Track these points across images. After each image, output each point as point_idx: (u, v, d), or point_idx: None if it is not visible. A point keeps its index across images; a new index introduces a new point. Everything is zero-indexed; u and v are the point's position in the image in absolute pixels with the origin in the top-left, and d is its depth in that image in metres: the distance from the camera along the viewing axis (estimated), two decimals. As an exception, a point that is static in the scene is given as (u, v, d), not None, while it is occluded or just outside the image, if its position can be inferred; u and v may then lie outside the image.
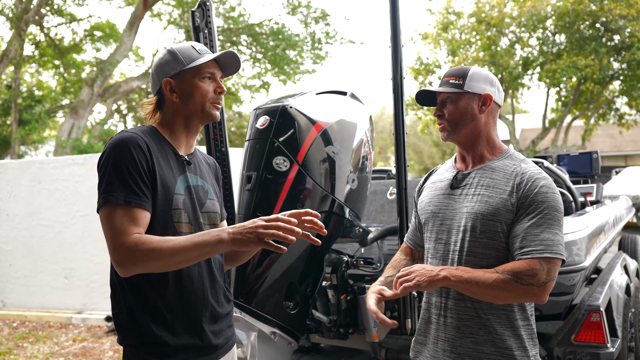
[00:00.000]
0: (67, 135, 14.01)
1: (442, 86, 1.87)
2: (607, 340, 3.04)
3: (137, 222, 1.52)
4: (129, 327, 1.62)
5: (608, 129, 26.22)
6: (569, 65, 15.71)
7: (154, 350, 1.60)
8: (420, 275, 1.71)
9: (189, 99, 1.69)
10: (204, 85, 1.70)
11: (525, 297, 1.67)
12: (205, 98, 1.70)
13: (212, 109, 1.72)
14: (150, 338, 1.60)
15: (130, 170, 1.54)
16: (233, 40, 17.46)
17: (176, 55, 1.69)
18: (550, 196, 1.72)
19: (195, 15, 3.23)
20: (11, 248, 7.21)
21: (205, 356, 1.70)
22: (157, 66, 1.72)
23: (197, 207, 1.71)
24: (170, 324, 1.62)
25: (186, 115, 1.72)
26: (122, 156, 1.55)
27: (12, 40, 14.78)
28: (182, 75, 1.69)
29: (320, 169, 2.88)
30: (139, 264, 1.48)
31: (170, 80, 1.69)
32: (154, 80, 1.74)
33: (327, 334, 3.32)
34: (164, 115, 1.74)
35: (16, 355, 5.38)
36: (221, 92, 1.74)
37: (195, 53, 1.71)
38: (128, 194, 1.52)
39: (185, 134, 1.75)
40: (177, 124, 1.73)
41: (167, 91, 1.69)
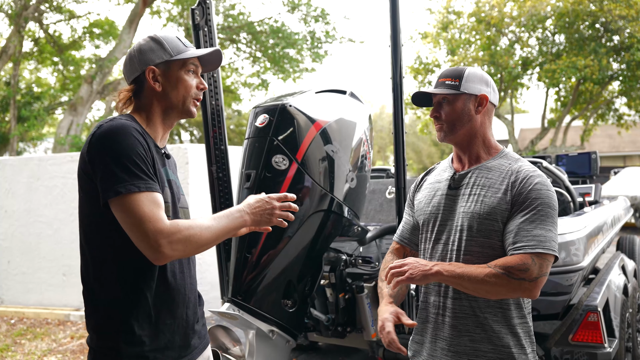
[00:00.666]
0: (65, 132, 13.99)
1: (438, 87, 1.88)
2: (604, 341, 3.05)
3: (160, 207, 1.48)
4: (108, 328, 1.56)
5: (607, 129, 26.24)
6: (568, 65, 15.72)
7: (136, 352, 1.54)
8: (413, 268, 1.73)
9: (172, 90, 1.65)
10: (188, 79, 1.67)
11: (517, 292, 1.68)
12: (188, 92, 1.67)
13: (192, 105, 1.70)
14: (132, 338, 1.54)
15: (141, 156, 1.49)
16: (233, 39, 17.44)
17: (163, 44, 1.65)
18: (544, 193, 1.73)
19: (195, 13, 3.23)
20: (9, 245, 7.21)
21: (185, 357, 1.65)
22: (140, 52, 1.65)
23: (176, 202, 1.67)
24: (154, 323, 1.57)
25: (166, 107, 1.67)
26: (129, 143, 1.48)
27: (11, 36, 14.75)
28: (167, 64, 1.65)
29: (319, 168, 2.88)
30: (179, 250, 1.46)
31: (155, 68, 1.63)
32: (132, 66, 1.66)
33: (325, 332, 3.32)
34: (140, 104, 1.67)
35: (14, 352, 5.38)
36: (203, 89, 1.72)
37: (182, 45, 1.68)
38: (147, 181, 1.47)
39: (162, 126, 1.69)
40: (155, 115, 1.67)
41: (150, 79, 1.63)
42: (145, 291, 1.55)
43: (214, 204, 3.33)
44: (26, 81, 20.28)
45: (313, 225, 2.91)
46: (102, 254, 1.56)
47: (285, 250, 2.86)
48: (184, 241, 1.46)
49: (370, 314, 3.22)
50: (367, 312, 3.20)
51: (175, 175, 1.76)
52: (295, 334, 3.00)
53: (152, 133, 1.66)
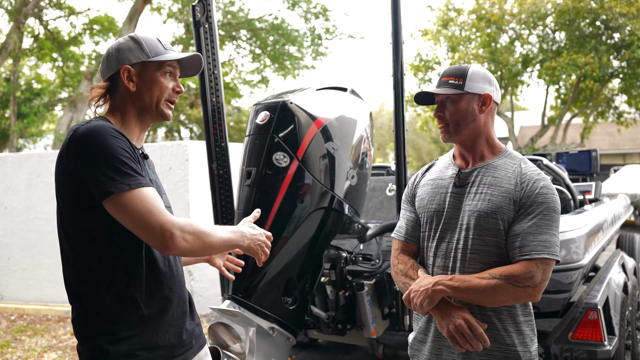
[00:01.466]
0: (65, 129, 13.97)
1: (442, 87, 1.86)
2: (604, 338, 3.05)
3: (161, 201, 1.50)
4: (96, 330, 1.55)
5: (607, 127, 26.22)
6: (569, 62, 15.70)
7: (124, 351, 1.53)
8: (417, 295, 1.77)
9: (147, 91, 1.64)
10: (164, 81, 1.66)
11: (521, 298, 1.71)
12: (162, 94, 1.65)
13: (166, 108, 1.68)
14: (121, 339, 1.53)
15: (127, 153, 1.49)
16: (232, 35, 17.41)
17: (141, 45, 1.64)
18: (549, 197, 1.75)
19: (195, 9, 3.22)
20: (9, 241, 7.21)
21: (178, 356, 1.64)
22: (117, 51, 1.64)
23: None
24: (144, 323, 1.55)
25: (140, 107, 1.65)
26: (112, 142, 1.47)
27: (10, 32, 14.73)
28: (144, 65, 1.63)
29: (320, 165, 2.88)
30: (189, 241, 1.47)
31: (130, 67, 1.62)
32: (109, 64, 1.64)
33: (325, 329, 3.33)
34: (115, 104, 1.65)
35: (14, 348, 5.38)
36: (179, 92, 1.70)
37: (161, 47, 1.66)
38: (137, 177, 1.47)
39: (138, 127, 1.67)
40: (130, 115, 1.65)
41: (124, 78, 1.61)
42: (132, 290, 1.54)
43: (215, 201, 3.33)
44: (26, 77, 20.25)
45: (313, 223, 2.91)
46: (88, 259, 1.54)
47: (285, 247, 2.86)
48: (194, 234, 1.48)
49: (370, 312, 3.22)
50: (367, 309, 3.20)
51: (155, 175, 1.75)
52: (295, 331, 3.00)
53: (127, 134, 1.62)
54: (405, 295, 1.83)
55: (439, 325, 1.78)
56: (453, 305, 1.76)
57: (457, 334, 1.72)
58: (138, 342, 1.54)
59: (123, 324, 1.53)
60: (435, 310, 1.77)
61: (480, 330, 1.72)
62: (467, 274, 1.77)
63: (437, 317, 1.77)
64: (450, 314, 1.74)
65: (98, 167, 1.45)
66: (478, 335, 1.71)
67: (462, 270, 1.80)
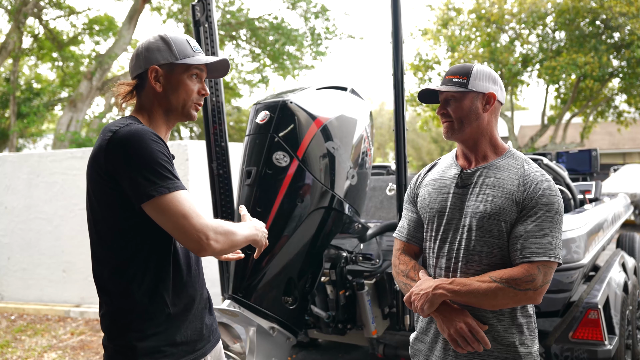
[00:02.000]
0: (65, 129, 13.97)
1: (446, 84, 1.85)
2: (604, 338, 3.05)
3: (196, 204, 1.53)
4: (125, 326, 1.57)
5: (607, 126, 26.22)
6: (569, 62, 15.69)
7: (151, 347, 1.56)
8: (417, 298, 1.77)
9: (173, 93, 1.65)
10: (190, 84, 1.67)
11: (522, 301, 1.71)
12: (189, 97, 1.68)
13: (193, 109, 1.70)
14: (147, 335, 1.56)
15: (166, 158, 1.52)
16: (232, 35, 17.41)
17: (171, 46, 1.65)
18: (552, 199, 1.74)
19: (195, 9, 3.22)
20: (9, 241, 7.20)
21: (199, 350, 1.68)
22: (146, 50, 1.65)
23: None
24: (170, 319, 1.59)
25: (166, 108, 1.67)
26: (153, 147, 1.50)
27: (10, 32, 14.71)
28: (171, 67, 1.65)
29: (320, 165, 2.88)
30: (221, 242, 1.52)
31: (158, 68, 1.64)
32: (137, 62, 1.67)
33: (325, 329, 3.33)
34: (142, 103, 1.68)
35: (14, 348, 5.38)
36: (204, 95, 1.72)
37: (190, 50, 1.67)
38: (175, 181, 1.51)
39: (165, 126, 1.70)
40: (157, 114, 1.67)
41: (152, 78, 1.64)
42: (161, 289, 1.58)
43: (215, 200, 3.33)
44: (26, 77, 20.23)
45: (314, 222, 2.91)
46: (121, 257, 1.58)
47: (285, 247, 2.85)
48: (224, 235, 1.54)
49: (370, 311, 3.22)
50: (367, 309, 3.20)
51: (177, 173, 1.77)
52: (295, 330, 3.00)
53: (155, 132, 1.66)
54: (406, 297, 1.84)
55: (440, 328, 1.78)
56: (454, 308, 1.77)
57: (459, 337, 1.73)
58: (164, 339, 1.59)
59: (151, 321, 1.57)
60: (437, 313, 1.77)
61: (481, 333, 1.72)
62: (468, 275, 1.76)
63: (439, 320, 1.78)
64: (451, 317, 1.75)
65: (140, 170, 1.48)
66: (479, 338, 1.72)
67: (463, 271, 1.79)
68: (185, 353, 1.63)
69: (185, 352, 1.63)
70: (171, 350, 1.59)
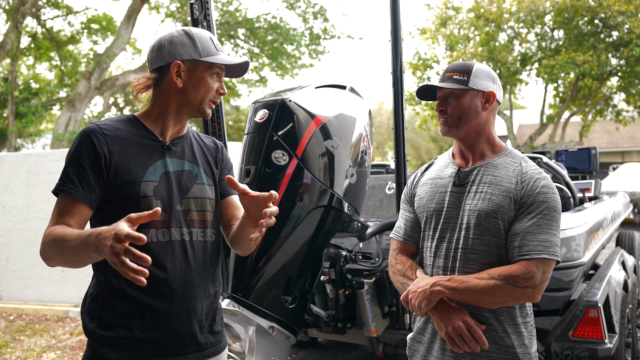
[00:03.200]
0: (64, 128, 13.95)
1: (446, 82, 1.84)
2: (604, 336, 3.05)
3: (67, 213, 1.51)
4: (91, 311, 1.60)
5: (605, 125, 26.25)
6: (567, 61, 15.71)
7: (109, 339, 1.57)
8: (414, 296, 1.76)
9: (193, 89, 1.65)
10: (211, 82, 1.67)
11: (520, 299, 1.70)
12: (207, 94, 1.67)
13: (208, 107, 1.69)
14: (107, 326, 1.57)
15: (76, 160, 1.54)
16: (231, 34, 17.39)
17: (195, 42, 1.64)
18: (550, 196, 1.73)
19: (194, 7, 3.21)
20: (7, 241, 7.19)
21: (170, 356, 1.61)
22: (170, 43, 1.64)
23: (174, 193, 1.63)
24: (128, 309, 1.57)
25: (181, 103, 1.66)
26: (74, 147, 1.56)
27: (8, 32, 14.69)
28: (194, 63, 1.64)
29: (319, 163, 2.87)
30: (46, 255, 1.51)
31: (181, 63, 1.63)
32: (160, 55, 1.65)
33: (325, 328, 3.32)
34: (157, 95, 1.68)
35: (13, 348, 5.37)
36: (223, 94, 1.71)
37: (213, 47, 1.67)
38: (65, 183, 1.53)
39: (173, 121, 1.69)
40: (169, 109, 1.67)
41: (174, 73, 1.63)
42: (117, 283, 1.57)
43: (214, 199, 3.31)
44: (24, 77, 20.18)
45: (313, 221, 2.90)
46: None
47: (285, 246, 2.85)
48: (44, 248, 1.50)
49: (370, 310, 3.21)
50: (367, 308, 3.20)
51: (195, 163, 1.73)
52: (295, 330, 2.99)
53: (157, 126, 1.67)
54: (403, 296, 1.82)
55: (438, 326, 1.77)
56: (452, 307, 1.75)
57: (456, 336, 1.72)
58: (123, 331, 1.63)
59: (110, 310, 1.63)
60: (434, 312, 1.76)
61: (479, 332, 1.71)
62: (466, 274, 1.75)
63: (436, 318, 1.76)
64: (448, 315, 1.73)
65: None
66: (477, 337, 1.71)
67: (461, 270, 1.78)
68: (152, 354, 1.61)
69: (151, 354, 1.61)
70: (129, 346, 1.59)
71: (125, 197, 1.56)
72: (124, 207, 1.52)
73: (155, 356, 1.59)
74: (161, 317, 1.59)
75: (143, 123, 1.67)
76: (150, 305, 1.58)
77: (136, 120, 1.67)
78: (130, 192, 1.56)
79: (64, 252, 1.43)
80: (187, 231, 1.65)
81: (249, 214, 1.55)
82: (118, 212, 1.38)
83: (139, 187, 1.57)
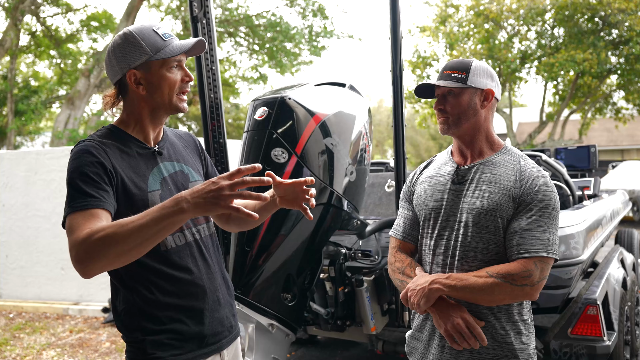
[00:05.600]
0: (63, 126, 13.95)
1: (444, 80, 1.84)
2: (603, 334, 3.05)
3: (92, 220, 1.40)
4: (129, 324, 1.61)
5: (605, 123, 26.26)
6: (567, 59, 15.70)
7: (158, 342, 1.58)
8: (413, 294, 1.77)
9: (156, 91, 1.59)
10: (172, 76, 1.60)
11: (518, 297, 1.70)
12: (172, 89, 1.60)
13: (179, 102, 1.63)
14: (152, 332, 1.58)
15: (85, 176, 1.47)
16: (230, 32, 17.38)
17: (139, 43, 1.55)
18: (549, 195, 1.73)
19: (193, 5, 3.20)
20: (7, 239, 7.20)
21: (210, 346, 1.68)
22: (117, 54, 1.58)
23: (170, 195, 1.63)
24: (168, 315, 1.60)
25: (152, 108, 1.62)
26: (75, 168, 1.48)
27: (7, 30, 14.68)
28: (147, 65, 1.57)
29: (318, 161, 2.87)
30: (96, 256, 1.32)
31: (135, 71, 1.56)
32: (113, 68, 1.60)
33: (324, 326, 3.32)
34: (126, 107, 1.64)
35: (13, 346, 5.37)
36: (188, 81, 1.64)
37: (160, 40, 1.57)
38: (82, 200, 1.43)
39: (152, 126, 1.66)
40: (143, 116, 1.63)
41: (132, 83, 1.58)
42: (157, 288, 1.59)
43: (213, 197, 3.31)
44: (23, 75, 20.18)
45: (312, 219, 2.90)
46: None
47: (284, 243, 2.85)
48: (98, 244, 1.31)
49: (369, 308, 3.21)
50: (366, 305, 3.20)
51: (183, 161, 1.73)
52: (294, 327, 2.99)
53: (140, 134, 1.65)
54: (402, 293, 1.82)
55: (437, 323, 1.77)
56: (451, 304, 1.76)
57: (455, 333, 1.72)
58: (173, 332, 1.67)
59: (151, 316, 1.64)
60: (433, 309, 1.76)
61: (478, 329, 1.71)
62: (465, 272, 1.75)
63: (435, 316, 1.77)
64: (447, 312, 1.74)
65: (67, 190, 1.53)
66: (476, 334, 1.71)
67: (460, 268, 1.78)
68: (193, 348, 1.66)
69: (195, 347, 1.66)
70: (182, 345, 1.64)
71: (134, 209, 1.49)
72: None
73: (197, 349, 1.65)
74: (198, 314, 1.65)
75: (126, 132, 1.63)
76: (186, 307, 1.63)
77: (118, 130, 1.63)
78: (139, 205, 1.53)
79: (127, 237, 1.31)
80: (195, 230, 1.69)
81: (284, 198, 1.68)
82: None
83: (147, 199, 1.56)
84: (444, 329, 1.74)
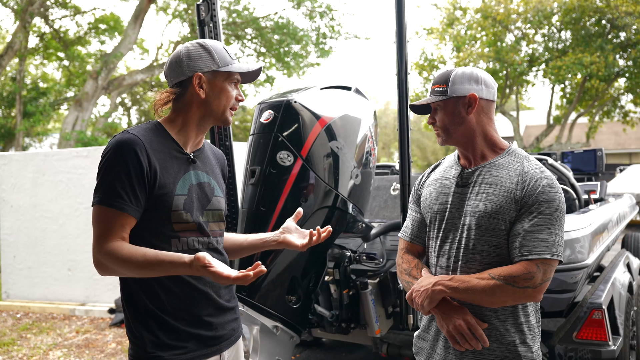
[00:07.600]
0: (71, 128, 14.02)
1: (431, 95, 1.89)
2: (608, 338, 3.04)
3: (120, 227, 1.55)
4: (133, 322, 1.67)
5: (612, 126, 26.12)
6: (574, 62, 15.65)
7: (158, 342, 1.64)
8: (418, 295, 1.79)
9: (215, 99, 1.71)
10: (230, 90, 1.74)
11: (521, 299, 1.71)
12: (228, 102, 1.74)
13: (229, 115, 1.76)
14: (153, 332, 1.64)
15: (122, 174, 1.56)
16: (238, 35, 17.43)
17: (212, 54, 1.71)
18: (552, 196, 1.73)
19: (200, 8, 3.23)
20: (15, 239, 7.24)
21: (210, 347, 1.72)
22: (188, 58, 1.70)
23: (200, 205, 1.72)
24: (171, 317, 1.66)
25: (204, 114, 1.72)
26: (118, 159, 1.57)
27: (16, 32, 14.78)
28: (214, 74, 1.71)
29: (324, 164, 2.88)
30: (112, 269, 1.55)
31: (202, 75, 1.69)
32: (180, 69, 1.71)
33: (329, 328, 3.33)
34: (179, 107, 1.73)
35: (20, 346, 5.41)
36: (241, 100, 1.78)
37: (229, 57, 1.74)
38: (114, 197, 1.55)
39: (195, 131, 1.75)
40: (192, 120, 1.73)
41: (196, 85, 1.69)
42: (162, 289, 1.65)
43: (219, 199, 3.33)
44: (32, 77, 20.29)
45: (317, 222, 2.91)
46: None
47: (289, 246, 2.86)
48: (115, 264, 1.53)
49: (374, 310, 3.22)
50: (371, 308, 3.21)
51: (212, 175, 1.81)
52: (299, 329, 3.00)
53: (181, 138, 1.73)
54: (407, 294, 1.85)
55: (440, 324, 1.79)
56: (453, 306, 1.77)
57: (457, 334, 1.74)
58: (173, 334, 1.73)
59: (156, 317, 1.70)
60: (436, 310, 1.78)
61: (479, 331, 1.73)
62: (468, 274, 1.77)
63: (438, 317, 1.79)
64: (450, 314, 1.76)
65: (101, 174, 1.62)
66: (478, 335, 1.72)
67: (463, 271, 1.79)
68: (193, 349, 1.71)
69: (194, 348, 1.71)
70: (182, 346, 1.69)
71: (158, 208, 1.62)
72: (154, 217, 1.62)
73: (197, 349, 1.70)
74: (200, 316, 1.71)
75: (169, 133, 1.71)
76: (188, 309, 1.69)
77: (163, 129, 1.71)
78: (163, 205, 1.62)
79: (140, 268, 1.52)
80: (208, 240, 1.75)
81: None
82: (147, 222, 1.61)
83: (172, 201, 1.64)
84: (446, 330, 1.76)
